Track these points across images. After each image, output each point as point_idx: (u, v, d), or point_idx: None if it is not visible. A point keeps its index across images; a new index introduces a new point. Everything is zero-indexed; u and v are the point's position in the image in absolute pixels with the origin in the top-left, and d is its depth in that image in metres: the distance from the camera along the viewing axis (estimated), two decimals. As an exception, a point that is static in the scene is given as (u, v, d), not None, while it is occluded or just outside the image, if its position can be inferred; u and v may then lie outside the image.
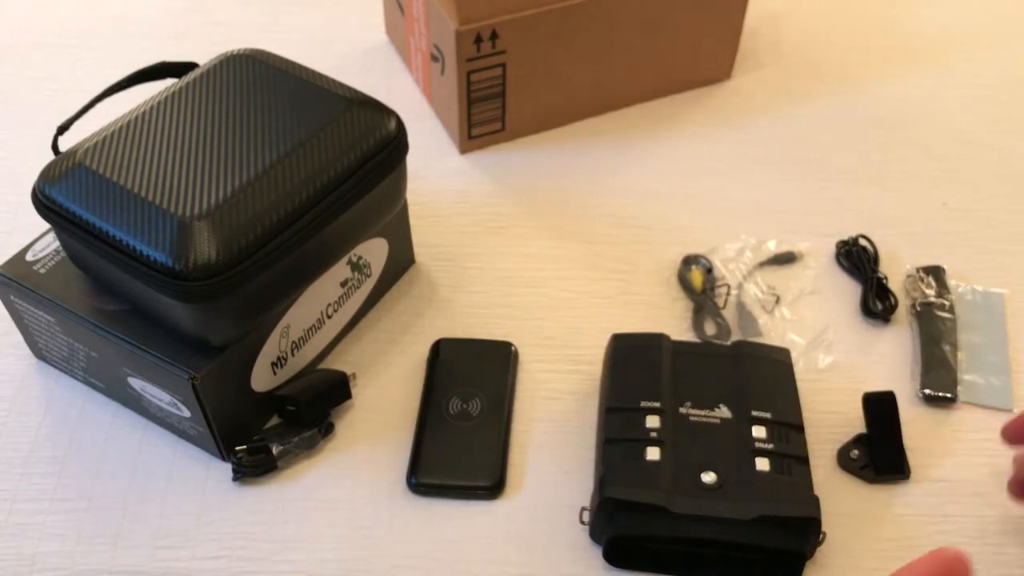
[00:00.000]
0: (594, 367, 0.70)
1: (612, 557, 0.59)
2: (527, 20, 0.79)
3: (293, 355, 0.66)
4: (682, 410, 0.62)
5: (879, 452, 0.64)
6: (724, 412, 0.62)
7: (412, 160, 0.67)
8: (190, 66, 0.70)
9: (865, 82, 0.96)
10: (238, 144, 0.60)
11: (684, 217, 0.82)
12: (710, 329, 0.73)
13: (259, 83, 0.65)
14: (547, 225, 0.81)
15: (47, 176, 0.60)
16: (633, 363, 0.65)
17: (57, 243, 0.65)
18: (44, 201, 0.59)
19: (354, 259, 0.69)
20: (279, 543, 0.61)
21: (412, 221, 0.75)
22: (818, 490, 0.60)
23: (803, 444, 0.61)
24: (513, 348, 0.71)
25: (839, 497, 0.63)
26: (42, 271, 0.64)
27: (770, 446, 0.59)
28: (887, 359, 0.71)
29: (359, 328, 0.73)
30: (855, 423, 0.67)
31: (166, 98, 0.64)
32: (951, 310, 0.73)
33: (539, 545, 0.61)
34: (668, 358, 0.65)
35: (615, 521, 0.58)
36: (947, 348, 0.70)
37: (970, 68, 0.98)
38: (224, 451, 0.64)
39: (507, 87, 0.84)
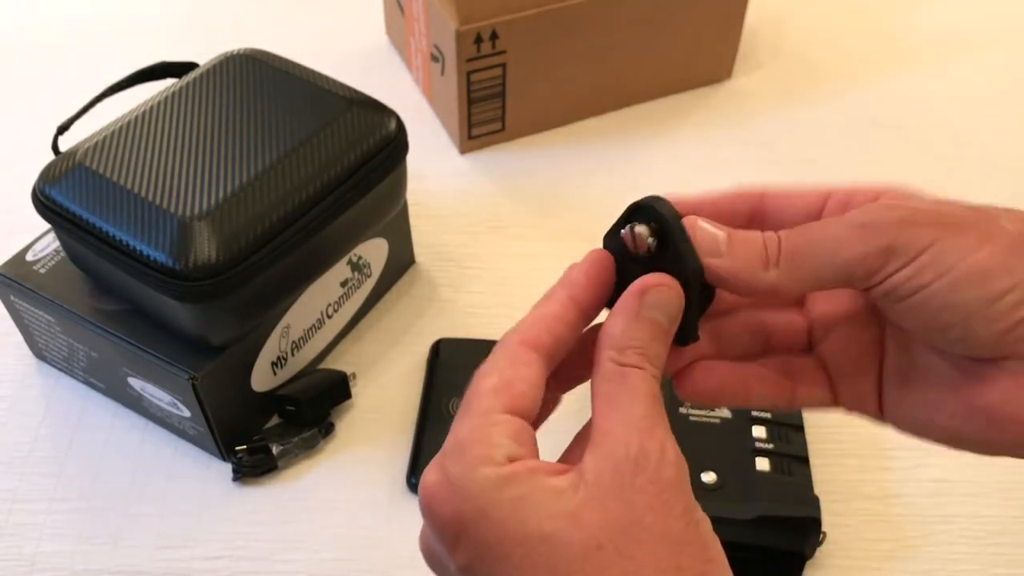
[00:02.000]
0: (594, 367, 0.70)
1: (612, 557, 0.59)
2: (527, 20, 0.79)
3: (293, 355, 0.66)
4: (682, 410, 0.62)
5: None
6: (724, 412, 0.62)
7: (412, 160, 0.67)
8: (190, 66, 0.70)
9: (865, 82, 0.96)
10: (238, 144, 0.60)
11: (684, 217, 0.82)
12: (710, 329, 0.73)
13: (259, 83, 0.65)
14: (547, 225, 0.81)
15: (47, 176, 0.60)
16: (633, 363, 0.65)
17: (57, 243, 0.65)
18: (44, 201, 0.59)
19: (354, 259, 0.68)
20: (279, 543, 0.61)
21: (412, 221, 0.75)
22: (818, 490, 0.60)
23: (803, 444, 0.61)
24: (513, 348, 0.70)
25: (839, 497, 0.63)
26: (42, 271, 0.64)
27: (770, 446, 0.59)
28: (887, 359, 0.71)
29: (359, 328, 0.73)
30: (856, 422, 0.67)
31: (166, 98, 0.64)
32: (951, 310, 0.73)
33: (539, 545, 0.61)
34: (668, 358, 0.65)
35: (615, 521, 0.57)
36: (947, 348, 0.70)
37: (970, 68, 0.98)
38: (224, 451, 0.64)
39: (507, 87, 0.83)
